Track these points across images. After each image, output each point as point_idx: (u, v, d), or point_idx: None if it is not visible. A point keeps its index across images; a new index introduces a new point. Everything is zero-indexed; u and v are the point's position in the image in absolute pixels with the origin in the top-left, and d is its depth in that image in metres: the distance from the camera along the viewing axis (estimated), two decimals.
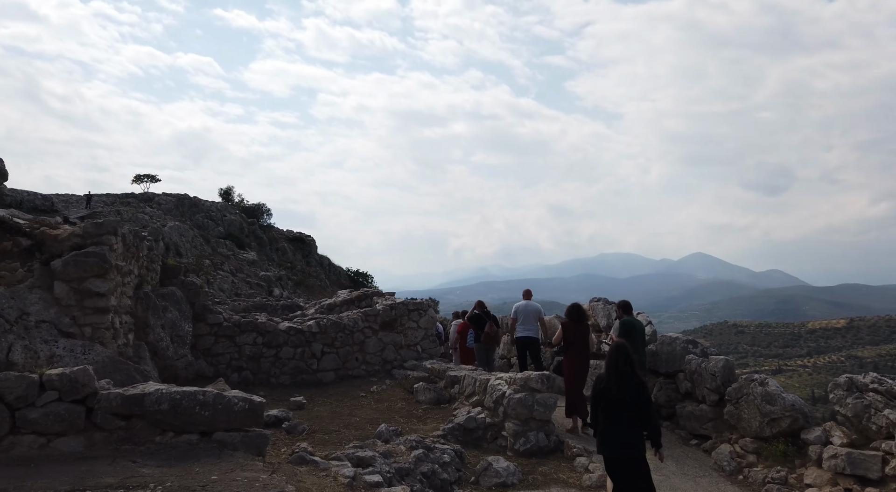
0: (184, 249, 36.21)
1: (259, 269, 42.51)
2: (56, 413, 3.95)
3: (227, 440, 4.50)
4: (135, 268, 11.24)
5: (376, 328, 15.21)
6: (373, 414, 11.03)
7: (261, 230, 53.24)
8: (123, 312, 10.43)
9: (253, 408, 4.70)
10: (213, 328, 13.82)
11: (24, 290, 8.81)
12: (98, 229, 9.67)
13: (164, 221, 38.91)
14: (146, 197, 47.00)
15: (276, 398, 12.67)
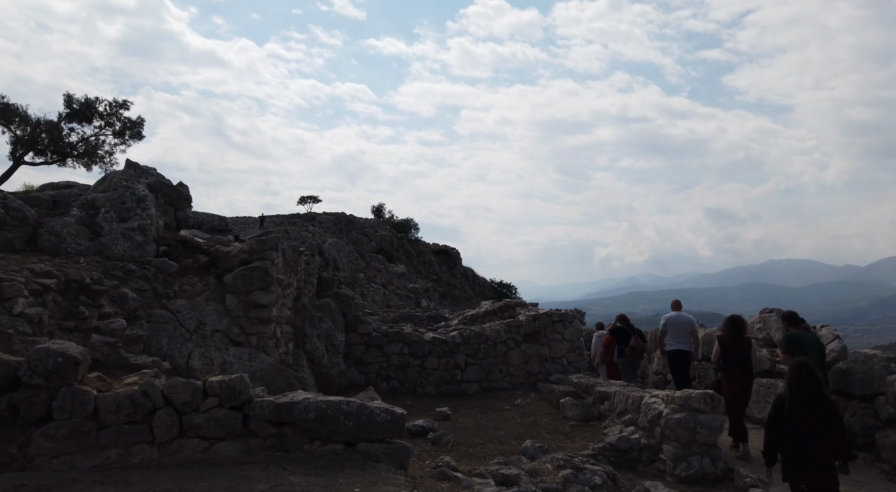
0: (341, 264, 38.88)
1: (408, 281, 44.36)
2: (217, 419, 4.23)
3: (371, 451, 4.51)
4: (294, 281, 12.10)
5: (519, 340, 14.93)
6: (517, 428, 10.72)
7: (409, 244, 55.72)
8: (284, 322, 11.25)
9: (395, 420, 4.67)
10: (364, 338, 14.47)
11: (201, 302, 9.81)
12: (261, 246, 10.54)
13: (325, 238, 42.29)
14: (309, 216, 51.64)
15: (422, 408, 12.90)
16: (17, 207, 9.43)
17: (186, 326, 9.29)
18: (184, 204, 13.43)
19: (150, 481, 3.70)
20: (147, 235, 10.28)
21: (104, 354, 7.37)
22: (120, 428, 4.01)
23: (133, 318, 8.55)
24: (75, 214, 9.93)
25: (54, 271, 7.55)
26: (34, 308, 6.65)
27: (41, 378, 3.92)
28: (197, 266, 10.73)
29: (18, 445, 3.78)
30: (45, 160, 28.91)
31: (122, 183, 10.81)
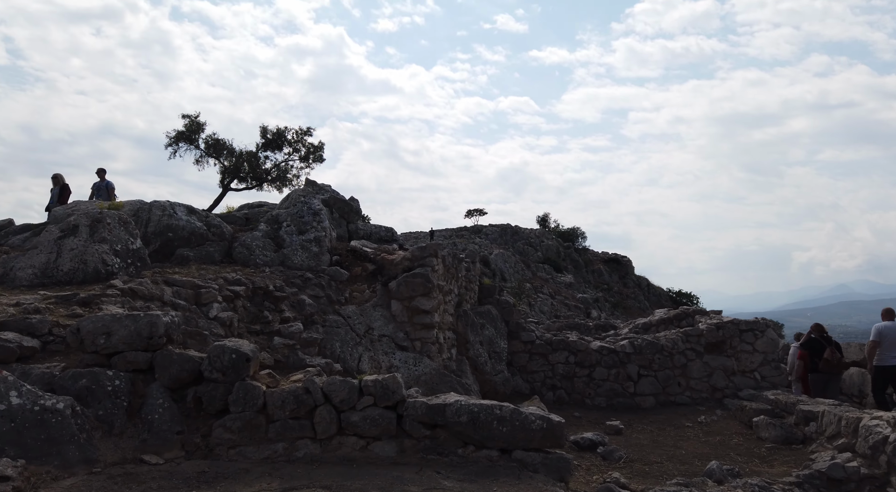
0: (507, 274, 39.32)
1: (576, 291, 43.32)
2: (372, 418, 4.30)
3: (527, 461, 4.26)
4: (454, 287, 12.29)
5: (700, 350, 13.57)
6: (701, 448, 9.66)
7: (576, 253, 54.58)
8: (446, 328, 11.44)
9: (551, 428, 4.37)
10: (527, 346, 14.21)
11: (369, 308, 10.33)
12: (422, 253, 10.85)
13: (491, 249, 43.25)
14: (476, 229, 53.26)
15: (591, 420, 12.26)
16: (217, 225, 10.77)
17: (356, 330, 9.83)
18: (355, 217, 14.37)
19: (312, 477, 3.83)
20: (322, 245, 11.12)
21: (284, 355, 8.03)
22: (285, 423, 4.25)
23: (309, 322, 9.24)
24: (262, 229, 11.09)
25: (243, 280, 8.43)
26: (226, 312, 7.45)
27: (219, 373, 4.31)
28: (365, 274, 11.36)
29: (202, 434, 4.18)
30: (246, 186, 32.97)
31: (300, 199, 11.85)
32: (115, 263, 7.34)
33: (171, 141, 31.34)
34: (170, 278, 7.19)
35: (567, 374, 13.76)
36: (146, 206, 10.20)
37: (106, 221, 7.50)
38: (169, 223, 10.05)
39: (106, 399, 3.95)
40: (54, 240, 7.18)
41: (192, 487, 3.52)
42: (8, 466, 2.97)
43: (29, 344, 4.43)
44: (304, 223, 11.33)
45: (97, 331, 4.25)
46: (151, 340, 4.35)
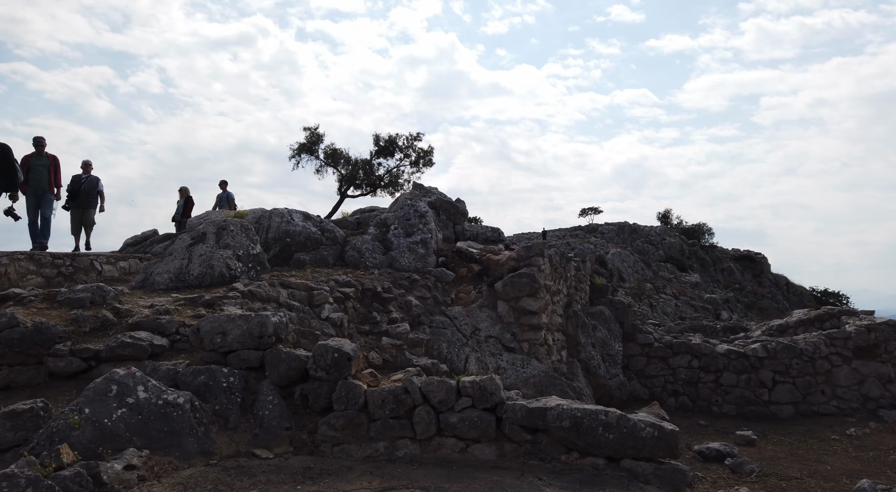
0: (626, 274, 37.85)
1: (703, 291, 40.74)
2: (470, 419, 4.22)
3: (638, 471, 3.97)
4: (563, 287, 11.96)
5: (847, 355, 12.14)
6: (850, 464, 8.61)
7: (703, 251, 51.37)
8: (555, 329, 11.15)
9: (663, 436, 4.04)
10: (644, 349, 13.50)
11: (475, 309, 10.31)
12: (528, 252, 10.65)
13: (607, 248, 41.94)
14: (591, 228, 51.86)
15: (718, 429, 11.38)
16: (330, 229, 11.29)
17: (463, 331, 9.85)
18: (461, 218, 14.46)
19: (411, 477, 3.84)
20: (428, 247, 11.28)
21: (392, 355, 8.21)
22: (386, 422, 4.30)
23: (416, 323, 9.39)
24: (371, 232, 11.46)
25: (353, 282, 8.74)
26: (337, 313, 7.76)
27: (323, 371, 4.46)
28: (471, 275, 11.37)
29: (308, 431, 4.35)
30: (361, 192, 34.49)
31: (407, 202, 12.12)
32: (238, 267, 7.90)
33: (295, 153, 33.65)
34: (285, 281, 7.61)
35: (690, 379, 12.90)
36: (267, 213, 10.91)
37: (229, 229, 8.10)
38: (287, 229, 10.67)
39: (222, 395, 4.24)
40: (186, 247, 7.87)
41: (297, 482, 3.65)
42: (134, 456, 3.25)
43: (159, 342, 4.87)
44: (411, 226, 11.56)
45: (214, 331, 4.57)
46: (262, 340, 4.60)
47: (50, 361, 4.60)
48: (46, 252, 7.42)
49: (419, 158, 35.57)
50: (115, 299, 5.61)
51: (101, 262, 7.94)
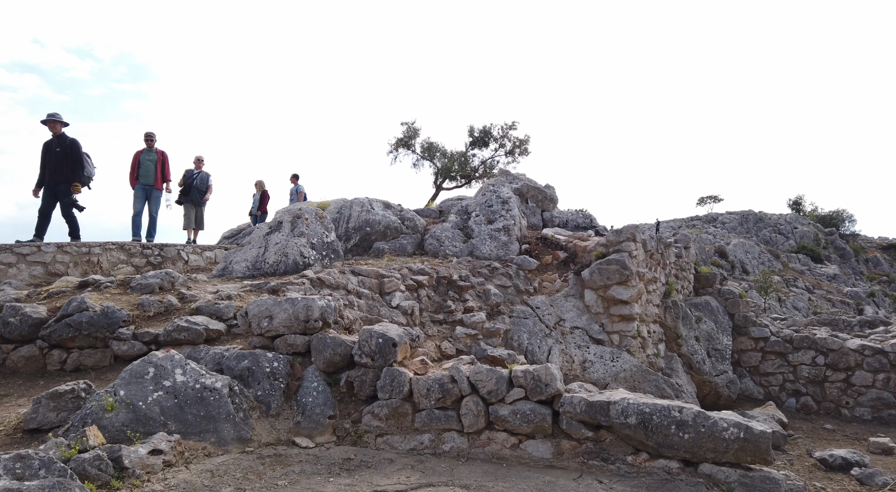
0: (750, 266, 35.43)
1: (843, 284, 36.98)
2: (522, 412, 3.82)
3: (718, 477, 3.38)
4: (661, 275, 11.06)
5: None
6: None
7: (842, 240, 46.74)
8: (651, 321, 10.33)
9: (751, 438, 3.42)
10: (759, 343, 12.23)
11: (560, 298, 9.78)
12: (618, 237, 9.94)
13: (728, 239, 39.51)
14: (710, 218, 48.95)
15: (848, 435, 10.04)
16: (410, 218, 11.19)
17: (546, 321, 9.36)
18: (549, 204, 13.86)
19: (455, 474, 3.53)
20: (510, 234, 10.87)
21: (466, 345, 7.93)
22: (431, 413, 4.01)
23: (495, 313, 9.04)
24: (452, 220, 11.23)
25: (427, 269, 8.55)
26: (408, 301, 7.59)
27: (368, 358, 4.25)
28: (556, 262, 10.82)
29: (352, 420, 4.16)
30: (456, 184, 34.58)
31: (490, 188, 11.76)
32: (312, 255, 7.96)
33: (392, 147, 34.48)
34: (356, 268, 7.56)
35: (814, 377, 11.51)
36: (347, 203, 11.00)
37: (304, 217, 8.18)
38: (367, 218, 10.70)
39: (265, 380, 4.16)
40: (263, 236, 8.04)
41: (332, 473, 3.47)
42: (163, 440, 3.22)
43: (215, 327, 4.92)
44: (493, 212, 11.20)
45: (261, 314, 4.52)
46: (308, 324, 4.49)
47: (114, 345, 4.78)
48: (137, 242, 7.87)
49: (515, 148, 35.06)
50: (182, 285, 5.78)
51: (189, 252, 8.31)
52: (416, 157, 35.66)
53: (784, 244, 42.44)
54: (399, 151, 35.70)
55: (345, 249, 10.69)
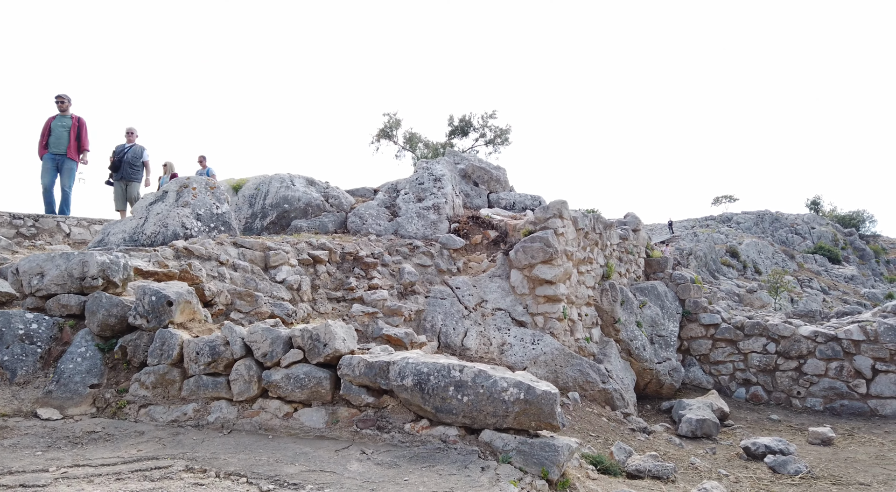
0: (763, 266, 35.14)
1: (860, 285, 36.51)
2: (296, 377, 3.30)
3: (497, 445, 2.86)
4: (598, 257, 10.54)
5: None
6: None
7: (861, 241, 46.32)
8: (583, 303, 9.81)
9: (533, 400, 2.90)
10: (709, 330, 11.69)
11: (485, 279, 9.27)
12: (544, 214, 9.42)
13: (741, 238, 39.36)
14: (724, 218, 48.73)
15: (793, 426, 9.52)
16: (336, 196, 10.70)
17: (465, 302, 8.86)
18: (497, 186, 13.35)
19: (199, 447, 3.04)
20: (441, 213, 10.37)
21: (363, 324, 7.44)
22: (200, 379, 3.51)
23: (409, 292, 8.54)
24: (379, 198, 10.73)
25: (329, 244, 8.05)
26: (296, 276, 7.10)
27: (143, 318, 3.76)
28: (487, 242, 10.31)
29: (118, 390, 3.67)
30: None
31: (423, 165, 11.26)
32: (195, 226, 7.47)
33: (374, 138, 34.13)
34: (239, 240, 7.06)
35: (765, 366, 10.98)
36: (267, 179, 10.52)
37: (192, 187, 7.69)
38: (285, 195, 10.21)
39: (15, 344, 3.66)
40: (146, 206, 7.56)
41: (54, 447, 2.98)
42: None
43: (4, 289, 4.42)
44: (424, 190, 10.70)
45: (31, 271, 4.02)
46: (84, 282, 3.98)
47: None
48: (5, 211, 7.38)
49: (496, 137, 34.61)
50: (6, 249, 5.30)
51: (71, 224, 7.83)
52: (399, 147, 35.26)
53: (801, 245, 42.15)
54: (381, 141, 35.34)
55: (261, 227, 10.21)
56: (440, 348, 8.33)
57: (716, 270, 32.26)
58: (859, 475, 6.55)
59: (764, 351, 11.11)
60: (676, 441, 8.05)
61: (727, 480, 5.97)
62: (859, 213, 50.59)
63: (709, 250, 32.61)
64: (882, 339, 10.24)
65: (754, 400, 10.97)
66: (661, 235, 41.46)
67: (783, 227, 44.04)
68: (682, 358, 11.77)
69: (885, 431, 9.08)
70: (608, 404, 8.79)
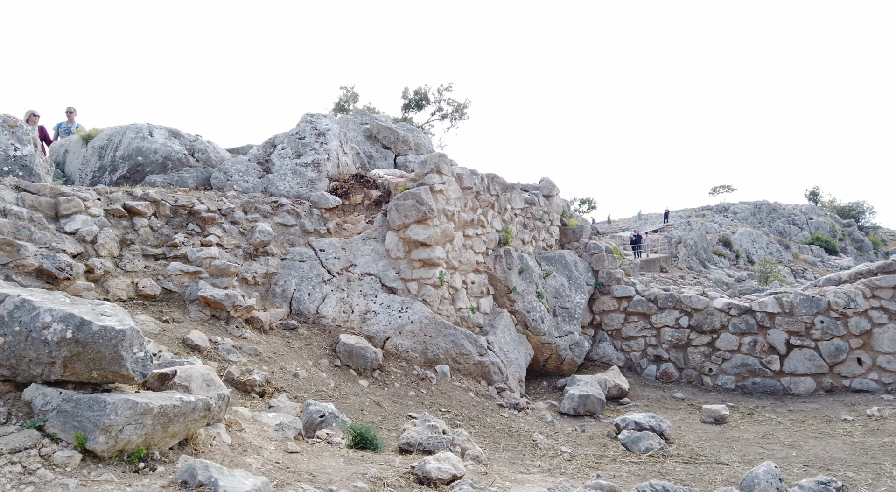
0: (756, 256, 35.15)
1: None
2: None
3: (37, 404, 2.03)
4: (494, 220, 9.74)
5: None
6: (838, 451, 6.08)
7: (861, 232, 46.50)
8: (469, 270, 9.02)
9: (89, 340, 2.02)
10: (622, 303, 11.00)
11: (358, 241, 8.44)
12: (421, 169, 8.60)
13: (735, 228, 39.37)
14: (722, 207, 48.85)
15: (695, 405, 8.90)
16: (202, 150, 9.74)
17: (329, 266, 8.02)
18: (407, 150, 12.48)
19: None
20: (321, 170, 9.48)
21: (181, 284, 6.57)
22: None
23: (260, 253, 7.68)
24: (252, 153, 9.81)
25: (154, 195, 7.13)
26: (92, 227, 6.19)
27: None
28: (368, 202, 9.46)
29: None
30: None
31: (308, 118, 10.33)
32: None
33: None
34: (23, 184, 6.11)
35: (677, 341, 10.33)
36: (121, 129, 9.52)
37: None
38: (140, 146, 9.25)
39: None
40: None
41: None
42: None
43: None
44: (304, 145, 9.80)
45: None
46: None
47: None
48: None
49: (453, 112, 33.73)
50: None
51: None
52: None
53: (798, 235, 42.36)
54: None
55: (109, 182, 9.24)
56: (290, 315, 7.49)
57: (707, 258, 31.98)
58: (727, 455, 5.89)
59: (677, 325, 10.48)
60: (549, 418, 7.35)
61: (561, 457, 5.26)
62: (859, 204, 51.24)
63: (700, 239, 32.30)
64: (798, 311, 9.65)
65: (664, 378, 10.35)
66: (655, 224, 41.42)
67: (781, 217, 44.59)
68: (594, 333, 11.12)
69: (789, 409, 8.50)
70: (484, 378, 8.06)
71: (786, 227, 43.74)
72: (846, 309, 9.48)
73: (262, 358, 6.01)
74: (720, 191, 56.13)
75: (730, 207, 47.90)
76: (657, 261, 27.13)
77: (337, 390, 6.06)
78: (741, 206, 47.56)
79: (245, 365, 5.53)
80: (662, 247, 29.92)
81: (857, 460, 5.75)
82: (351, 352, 6.92)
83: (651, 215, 47.61)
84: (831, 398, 9.00)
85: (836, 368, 9.40)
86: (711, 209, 47.70)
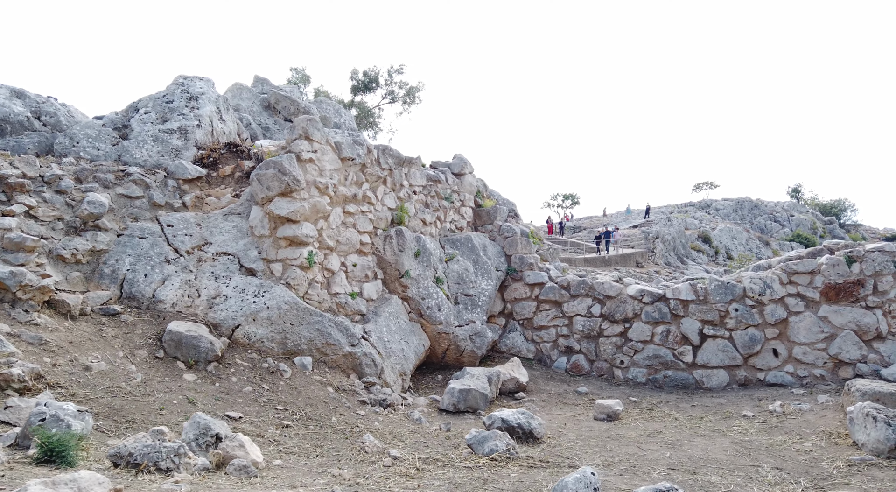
0: (735, 252, 35.34)
1: None
2: None
3: None
4: (384, 197, 8.98)
5: (814, 299, 8.71)
6: (719, 452, 5.52)
7: (841, 229, 47.31)
8: (351, 251, 8.25)
9: None
10: (534, 290, 10.38)
11: (217, 216, 7.59)
12: (290, 135, 7.78)
13: (715, 224, 39.68)
14: (704, 204, 49.39)
15: (593, 399, 8.28)
16: (51, 113, 8.74)
17: (176, 244, 7.16)
18: None
19: None
20: (188, 138, 8.58)
21: None
22: None
23: (90, 227, 6.78)
24: (108, 117, 8.85)
25: None
26: None
27: None
28: (239, 174, 8.61)
29: None
30: None
31: (181, 80, 9.40)
32: None
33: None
34: None
35: (589, 331, 9.75)
36: None
37: None
38: None
39: None
40: None
41: None
42: None
43: None
44: (171, 110, 8.88)
45: None
46: None
47: None
48: None
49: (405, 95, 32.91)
50: None
51: None
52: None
53: (779, 232, 42.86)
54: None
55: None
56: (120, 299, 6.62)
57: (685, 254, 31.86)
58: (591, 457, 5.28)
59: (589, 314, 9.90)
60: (417, 416, 6.66)
61: (381, 463, 4.56)
62: (840, 201, 51.94)
63: (678, 235, 32.16)
64: (712, 298, 9.15)
65: (574, 371, 9.78)
66: (637, 219, 41.46)
67: (763, 214, 45.10)
68: (505, 322, 10.49)
69: (693, 405, 7.98)
70: (354, 371, 7.32)
71: (767, 224, 44.43)
72: (762, 296, 9.01)
73: (48, 348, 5.15)
74: (703, 187, 56.93)
75: (712, 203, 48.69)
76: (633, 256, 26.85)
77: (142, 387, 5.24)
78: (723, 202, 48.31)
79: (10, 356, 4.67)
80: (640, 242, 29.69)
81: (734, 461, 5.20)
82: (179, 342, 6.09)
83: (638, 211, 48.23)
84: (742, 393, 8.52)
85: (750, 359, 8.93)
86: (694, 205, 48.36)
